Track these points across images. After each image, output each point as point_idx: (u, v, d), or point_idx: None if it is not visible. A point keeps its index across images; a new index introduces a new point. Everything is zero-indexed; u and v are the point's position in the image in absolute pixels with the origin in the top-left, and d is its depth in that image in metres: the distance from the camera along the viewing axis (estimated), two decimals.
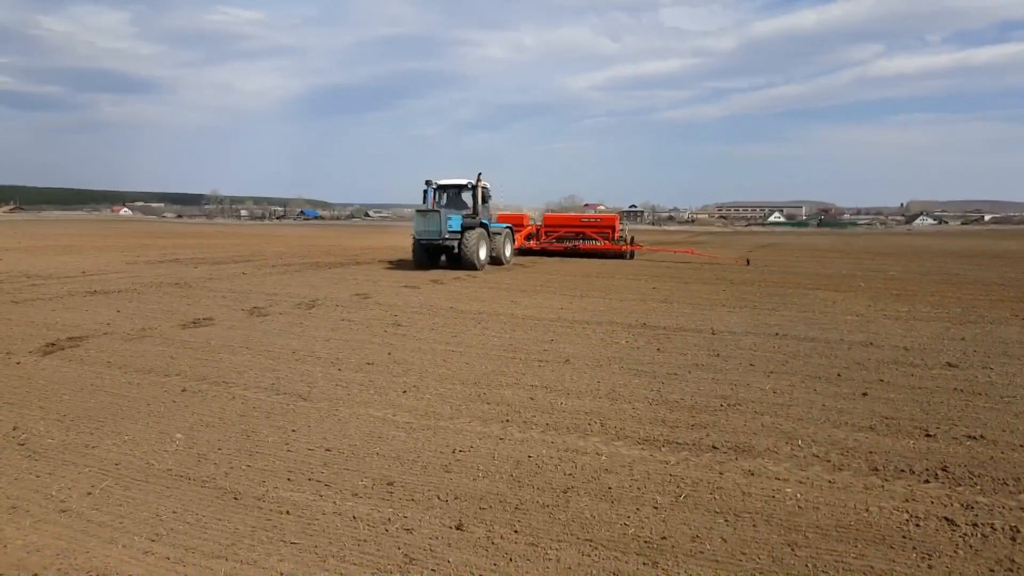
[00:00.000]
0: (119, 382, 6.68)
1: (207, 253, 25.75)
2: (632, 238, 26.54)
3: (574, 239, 26.31)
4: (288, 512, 3.92)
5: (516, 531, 3.73)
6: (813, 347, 8.78)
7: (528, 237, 26.81)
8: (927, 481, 4.46)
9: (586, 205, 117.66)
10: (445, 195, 20.65)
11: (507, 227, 22.31)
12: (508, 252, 21.91)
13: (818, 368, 7.59)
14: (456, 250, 19.15)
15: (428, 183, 20.06)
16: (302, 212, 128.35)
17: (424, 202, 19.91)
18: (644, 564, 3.41)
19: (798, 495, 4.23)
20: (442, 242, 18.93)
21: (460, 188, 20.67)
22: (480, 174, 20.23)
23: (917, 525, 3.83)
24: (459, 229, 19.31)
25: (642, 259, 25.81)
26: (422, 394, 6.39)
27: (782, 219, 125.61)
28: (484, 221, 20.29)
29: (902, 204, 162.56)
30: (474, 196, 20.29)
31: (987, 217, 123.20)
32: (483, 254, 19.71)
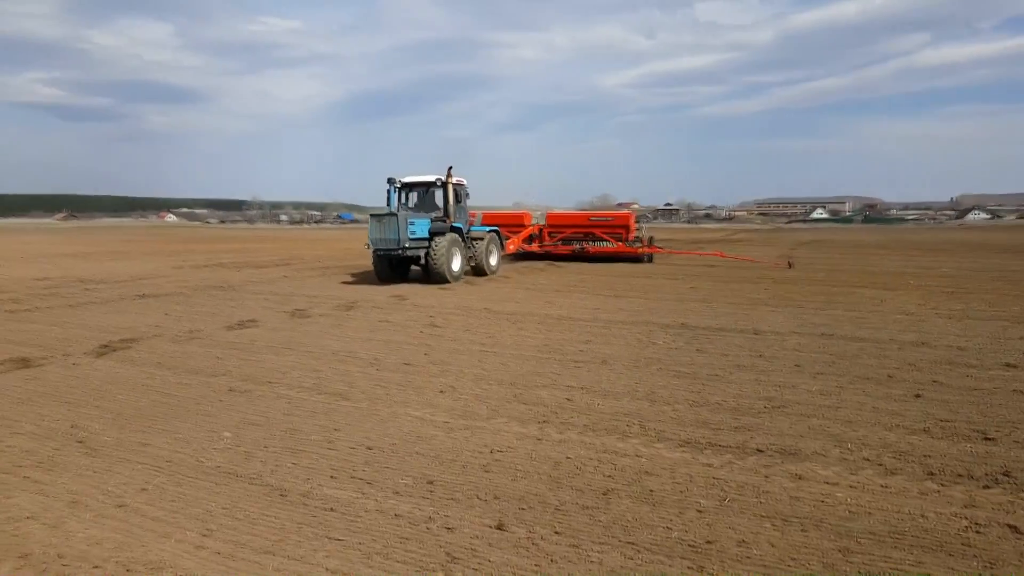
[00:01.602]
0: (169, 382, 6.86)
1: (249, 257, 26.31)
2: (650, 239, 23.48)
3: (581, 240, 23.30)
4: (333, 509, 3.97)
5: (557, 532, 3.71)
6: (862, 347, 8.54)
7: (529, 239, 23.49)
8: (988, 487, 4.28)
9: (619, 204, 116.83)
10: (413, 195, 17.67)
11: (491, 230, 18.67)
12: (493, 260, 18.54)
13: (867, 369, 7.37)
14: (423, 260, 16.16)
15: (390, 181, 16.83)
16: (339, 215, 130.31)
17: (388, 204, 16.79)
18: (689, 568, 3.35)
19: (849, 500, 4.11)
20: (402, 252, 15.68)
21: (429, 186, 17.45)
22: (451, 168, 16.51)
23: (978, 532, 3.68)
24: (427, 235, 16.22)
25: (665, 263, 23.09)
26: (459, 394, 6.41)
27: (825, 215, 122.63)
28: (457, 225, 16.90)
29: (952, 198, 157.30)
30: (444, 195, 16.70)
31: None
32: (456, 264, 16.48)
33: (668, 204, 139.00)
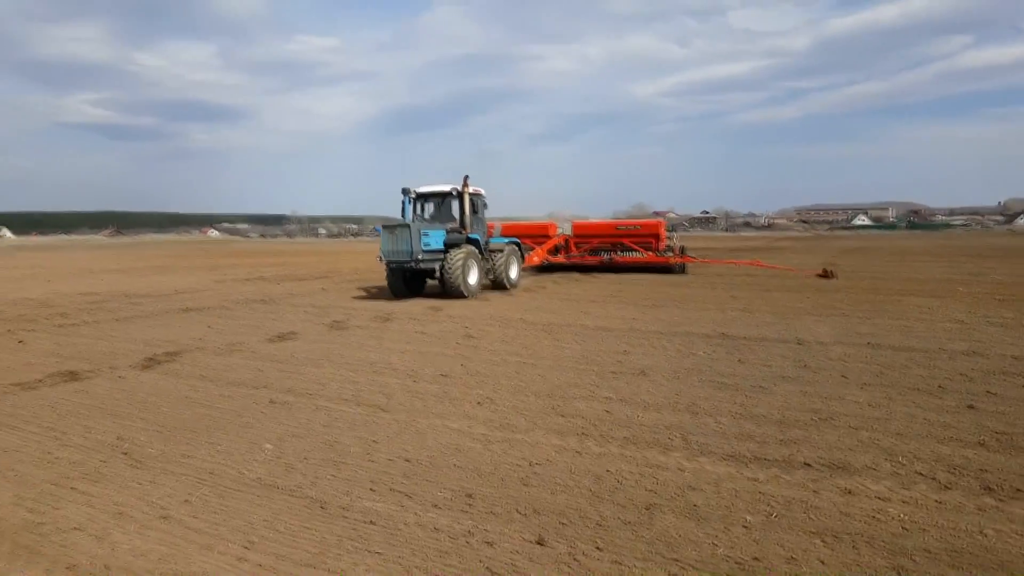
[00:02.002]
0: (212, 394, 6.98)
1: (289, 270, 26.79)
2: (682, 248, 22.67)
3: (609, 251, 22.63)
4: (372, 522, 3.97)
5: (599, 548, 3.64)
6: (911, 357, 8.27)
7: (555, 250, 22.95)
8: None
9: (655, 213, 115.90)
10: (429, 206, 17.03)
11: (511, 242, 17.91)
12: (513, 273, 17.62)
13: (917, 380, 7.13)
14: (437, 274, 15.39)
15: (405, 192, 16.30)
16: (375, 228, 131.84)
17: (403, 215, 16.30)
18: None
19: (903, 516, 3.96)
20: (415, 264, 14.98)
21: (444, 196, 16.74)
22: (467, 177, 15.84)
23: None
24: (442, 247, 15.64)
25: (702, 272, 22.30)
26: (497, 406, 6.38)
27: (868, 222, 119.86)
28: (474, 236, 16.20)
29: (1000, 203, 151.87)
30: (460, 206, 16.03)
31: None
32: (473, 277, 15.71)
33: (705, 212, 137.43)
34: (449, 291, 15.25)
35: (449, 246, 15.65)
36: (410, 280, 16.05)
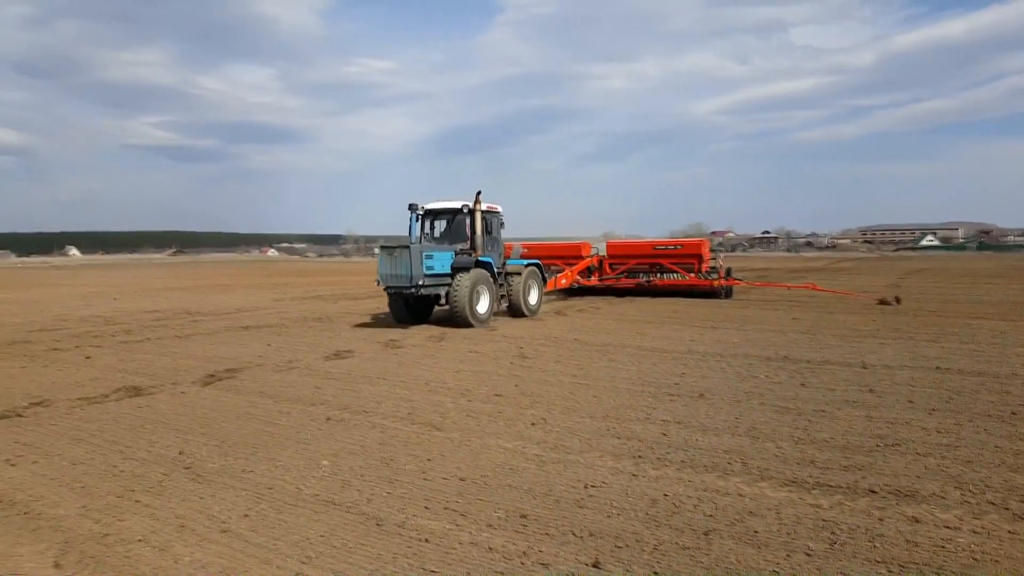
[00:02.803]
0: (270, 411, 7.15)
1: (345, 289, 27.34)
2: (728, 270, 20.62)
3: (647, 273, 21.08)
4: (427, 540, 3.97)
5: (656, 573, 3.56)
6: (981, 382, 7.88)
7: (588, 272, 21.29)
8: None
9: (713, 232, 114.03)
10: (440, 224, 15.55)
11: (529, 264, 16.13)
12: (533, 299, 16.00)
13: (988, 406, 6.78)
14: (443, 300, 14.06)
15: (412, 208, 14.78)
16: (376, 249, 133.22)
17: (410, 234, 14.75)
18: None
19: (973, 546, 3.76)
20: (416, 291, 13.47)
21: (455, 213, 15.18)
22: (479, 193, 14.37)
23: None
24: (450, 271, 14.18)
25: (758, 293, 21.12)
26: (551, 427, 6.34)
27: (936, 242, 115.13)
28: (486, 259, 14.62)
29: None
30: (472, 224, 14.54)
31: None
32: (483, 305, 14.23)
33: (766, 232, 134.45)
34: (455, 319, 13.87)
35: (457, 270, 14.14)
36: (414, 306, 14.77)
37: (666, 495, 4.62)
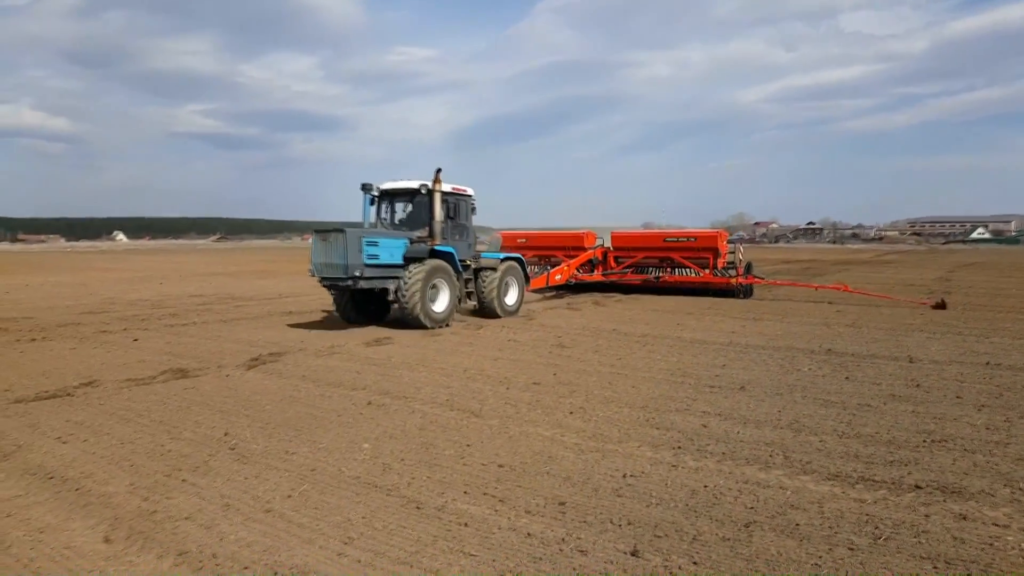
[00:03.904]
0: (313, 394, 7.29)
1: None
2: (748, 265, 18.29)
3: (656, 268, 19.21)
4: (466, 524, 4.02)
5: (695, 563, 3.54)
6: None
7: (590, 266, 19.42)
8: None
9: (756, 223, 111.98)
10: (399, 207, 13.49)
11: (507, 259, 14.23)
12: (510, 298, 14.11)
13: None
14: (391, 296, 12.04)
15: (365, 188, 13.02)
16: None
17: (364, 218, 13.10)
18: None
19: (1022, 544, 3.66)
20: (353, 283, 11.43)
21: (414, 195, 13.05)
22: (439, 171, 12.33)
23: None
24: (402, 262, 12.13)
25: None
26: (589, 416, 6.34)
27: (987, 235, 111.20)
28: (446, 249, 12.52)
29: None
30: (430, 207, 12.44)
31: None
32: (441, 304, 12.34)
33: (811, 223, 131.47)
34: (405, 319, 12.04)
35: (409, 260, 12.15)
36: (361, 301, 12.80)
37: (706, 486, 4.59)
